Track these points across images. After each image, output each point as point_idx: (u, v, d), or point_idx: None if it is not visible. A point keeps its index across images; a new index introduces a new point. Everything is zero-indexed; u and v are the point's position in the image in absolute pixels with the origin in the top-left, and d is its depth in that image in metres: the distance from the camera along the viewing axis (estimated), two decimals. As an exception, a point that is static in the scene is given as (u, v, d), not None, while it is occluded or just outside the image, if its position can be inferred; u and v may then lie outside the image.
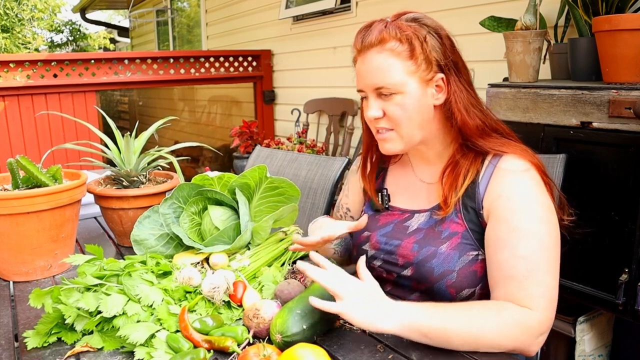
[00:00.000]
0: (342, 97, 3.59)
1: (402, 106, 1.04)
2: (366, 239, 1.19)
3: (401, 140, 1.08)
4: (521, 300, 0.94)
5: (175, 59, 4.05)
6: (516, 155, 1.05)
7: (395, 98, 1.04)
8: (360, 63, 1.08)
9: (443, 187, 1.08)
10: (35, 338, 0.94)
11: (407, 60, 1.02)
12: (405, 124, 1.06)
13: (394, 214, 1.18)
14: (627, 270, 1.49)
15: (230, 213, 1.30)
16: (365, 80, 1.06)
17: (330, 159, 1.84)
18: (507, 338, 0.89)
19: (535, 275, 0.94)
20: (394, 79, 1.03)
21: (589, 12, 1.72)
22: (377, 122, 1.08)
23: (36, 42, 14.06)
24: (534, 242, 0.96)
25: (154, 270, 1.09)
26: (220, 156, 4.84)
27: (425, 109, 1.06)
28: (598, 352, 1.83)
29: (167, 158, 1.48)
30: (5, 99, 3.43)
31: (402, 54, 1.02)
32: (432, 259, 1.06)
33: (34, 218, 1.21)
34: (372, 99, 1.07)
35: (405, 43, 1.02)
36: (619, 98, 1.49)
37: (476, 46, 2.48)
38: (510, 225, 0.98)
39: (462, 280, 1.04)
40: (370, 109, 1.07)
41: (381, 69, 1.03)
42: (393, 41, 1.02)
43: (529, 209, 0.99)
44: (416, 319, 0.88)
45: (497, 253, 0.99)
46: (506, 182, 1.02)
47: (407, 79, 1.03)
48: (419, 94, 1.04)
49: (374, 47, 1.04)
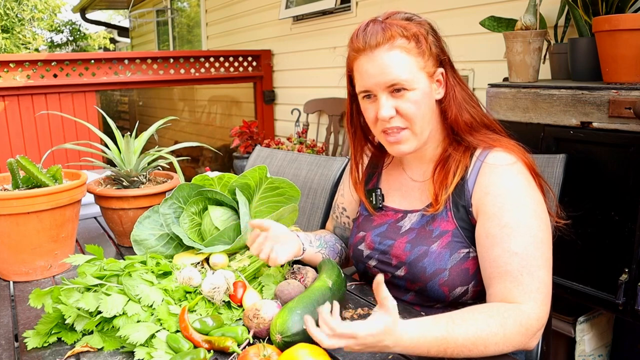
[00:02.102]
0: (342, 97, 3.59)
1: (415, 102, 1.04)
2: (361, 239, 1.19)
3: (415, 138, 1.07)
4: (517, 297, 0.94)
5: (175, 59, 4.05)
6: (502, 149, 1.06)
7: (407, 95, 1.03)
8: (366, 62, 1.04)
9: (434, 184, 1.09)
10: (35, 338, 0.94)
11: (417, 56, 1.03)
12: (419, 120, 1.05)
13: (388, 214, 1.18)
14: (627, 270, 1.49)
15: (230, 213, 1.30)
16: (375, 79, 1.03)
17: (330, 159, 1.84)
18: (512, 343, 0.90)
19: (530, 270, 0.95)
20: (408, 75, 1.02)
21: (589, 12, 1.72)
22: (389, 121, 1.06)
23: (36, 42, 14.05)
24: (527, 237, 0.96)
25: (154, 270, 1.09)
26: (220, 156, 4.84)
27: (432, 104, 1.07)
28: (598, 352, 1.83)
29: (167, 158, 1.48)
30: (5, 99, 3.42)
31: (412, 50, 1.03)
32: (423, 258, 1.06)
33: (34, 218, 1.21)
34: (383, 98, 1.04)
35: (412, 40, 1.03)
36: (619, 98, 1.49)
37: (476, 46, 2.48)
38: (501, 221, 0.99)
39: (455, 278, 1.05)
40: (384, 108, 1.04)
41: (394, 65, 1.02)
42: (401, 38, 1.02)
43: (519, 203, 0.99)
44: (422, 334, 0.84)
45: (490, 250, 0.99)
46: (493, 177, 1.03)
47: (418, 75, 1.03)
48: (428, 89, 1.05)
49: (382, 46, 1.02)
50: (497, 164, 1.04)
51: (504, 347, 0.89)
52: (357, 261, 1.22)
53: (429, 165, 1.14)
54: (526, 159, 1.06)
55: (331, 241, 1.29)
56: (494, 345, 0.88)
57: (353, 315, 1.05)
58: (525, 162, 1.05)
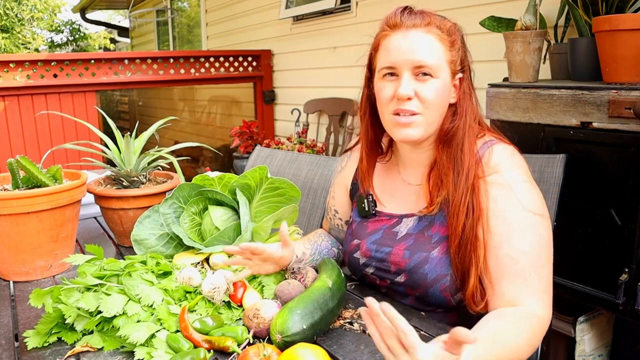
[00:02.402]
0: (342, 97, 3.59)
1: (434, 91, 1.03)
2: (356, 246, 1.17)
3: (424, 126, 1.04)
4: (526, 297, 0.94)
5: (175, 59, 4.05)
6: (500, 144, 1.06)
7: (430, 81, 1.02)
8: (399, 38, 1.03)
9: (430, 189, 1.08)
10: (35, 338, 0.94)
11: (448, 49, 1.04)
12: (433, 109, 1.04)
13: (382, 219, 1.16)
14: (627, 270, 1.49)
15: (230, 213, 1.30)
16: (405, 55, 1.02)
17: (330, 159, 1.84)
18: (533, 350, 0.90)
19: (537, 270, 0.95)
20: (436, 61, 1.02)
21: (589, 12, 1.72)
22: (407, 102, 1.02)
23: (36, 42, 14.05)
24: (533, 235, 0.97)
25: (154, 270, 1.09)
26: (220, 156, 4.84)
27: (447, 102, 1.07)
28: (598, 352, 1.83)
29: (167, 158, 1.48)
30: (5, 99, 3.42)
31: (445, 42, 1.04)
32: (424, 264, 1.05)
33: (34, 218, 1.21)
34: (406, 76, 1.02)
35: (447, 33, 1.04)
36: (619, 98, 1.49)
37: (476, 46, 2.46)
38: (507, 219, 0.98)
39: (456, 283, 1.04)
40: (404, 86, 1.01)
41: (427, 47, 1.02)
42: (437, 28, 1.03)
43: (524, 201, 0.99)
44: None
45: (495, 248, 0.98)
46: (495, 176, 1.02)
47: (444, 65, 1.04)
48: (448, 85, 1.05)
49: (419, 27, 1.03)
50: (499, 160, 1.03)
51: (529, 353, 0.90)
52: (354, 269, 1.20)
53: (424, 168, 1.13)
54: None
55: (327, 247, 1.27)
56: (525, 353, 0.88)
57: (353, 315, 1.05)
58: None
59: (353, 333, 0.97)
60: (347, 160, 1.30)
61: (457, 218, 1.02)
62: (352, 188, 1.26)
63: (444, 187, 1.05)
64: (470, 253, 1.00)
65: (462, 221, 1.01)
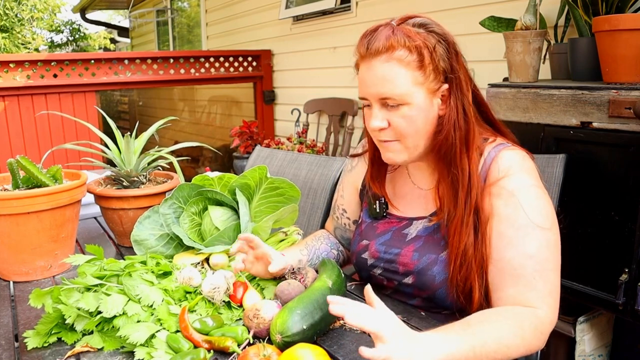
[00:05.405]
0: (342, 97, 3.59)
1: (408, 118, 1.00)
2: (365, 247, 1.17)
3: (406, 151, 1.04)
4: (531, 301, 0.93)
5: (175, 59, 4.05)
6: (510, 147, 1.04)
7: (401, 109, 1.00)
8: (364, 70, 1.02)
9: (440, 197, 1.06)
10: (35, 338, 0.94)
11: (416, 70, 0.98)
12: (411, 135, 1.02)
13: (392, 221, 1.16)
14: (627, 270, 1.49)
15: (230, 213, 1.30)
16: (369, 89, 1.01)
17: (330, 159, 1.84)
18: (529, 348, 0.89)
19: (543, 274, 0.94)
20: (401, 90, 0.98)
21: (589, 12, 1.72)
22: (380, 133, 1.03)
23: (36, 42, 14.05)
24: (541, 239, 0.96)
25: (154, 270, 1.09)
26: (220, 156, 4.84)
27: (431, 120, 1.02)
28: (598, 352, 1.83)
29: (167, 158, 1.48)
30: (5, 99, 3.42)
31: (411, 64, 0.98)
32: (433, 266, 1.05)
33: (34, 218, 1.21)
34: (376, 108, 1.02)
35: (414, 52, 0.97)
36: (619, 98, 1.49)
37: (476, 46, 2.48)
38: (516, 223, 0.97)
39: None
40: (374, 119, 1.01)
41: (388, 78, 0.98)
42: (401, 49, 0.97)
43: (533, 204, 0.98)
44: (451, 352, 0.80)
45: (503, 251, 0.97)
46: (505, 180, 1.00)
47: (414, 89, 0.98)
48: (426, 105, 1.00)
49: (380, 55, 0.98)
50: (509, 164, 1.01)
51: (523, 351, 0.89)
52: (361, 269, 1.19)
53: (434, 174, 1.11)
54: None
55: (325, 250, 1.27)
56: (515, 348, 0.87)
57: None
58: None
59: (353, 333, 0.97)
60: (358, 160, 1.29)
61: (458, 237, 1.00)
62: (363, 189, 1.25)
63: (445, 204, 1.04)
64: (473, 273, 0.99)
65: (464, 241, 0.99)
